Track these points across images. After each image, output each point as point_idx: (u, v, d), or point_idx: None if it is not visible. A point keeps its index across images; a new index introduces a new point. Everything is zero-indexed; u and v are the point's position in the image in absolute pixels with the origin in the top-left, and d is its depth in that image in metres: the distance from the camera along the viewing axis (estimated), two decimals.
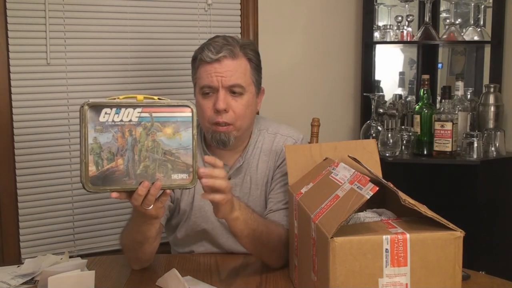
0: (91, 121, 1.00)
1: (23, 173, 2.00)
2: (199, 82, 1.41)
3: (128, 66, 2.14)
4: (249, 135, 1.51)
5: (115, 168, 1.01)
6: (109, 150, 1.00)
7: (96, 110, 1.00)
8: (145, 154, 1.02)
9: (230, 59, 1.38)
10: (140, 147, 1.02)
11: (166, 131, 1.04)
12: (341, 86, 2.57)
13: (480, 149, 2.21)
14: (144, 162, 1.03)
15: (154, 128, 1.03)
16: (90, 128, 0.99)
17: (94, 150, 1.00)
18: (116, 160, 1.01)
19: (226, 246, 1.48)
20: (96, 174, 1.00)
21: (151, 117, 1.02)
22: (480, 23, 2.53)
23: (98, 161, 1.00)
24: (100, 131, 1.00)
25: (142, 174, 1.03)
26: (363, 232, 0.93)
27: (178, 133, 1.04)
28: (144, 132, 1.02)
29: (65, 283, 1.14)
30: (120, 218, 2.15)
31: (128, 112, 1.01)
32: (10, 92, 1.97)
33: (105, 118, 1.00)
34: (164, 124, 1.04)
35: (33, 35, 1.99)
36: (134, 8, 2.13)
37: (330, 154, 1.27)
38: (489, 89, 2.36)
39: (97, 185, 1.00)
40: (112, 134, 1.00)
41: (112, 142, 1.00)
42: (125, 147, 1.01)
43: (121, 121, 1.01)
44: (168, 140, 1.04)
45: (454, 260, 0.94)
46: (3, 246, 1.99)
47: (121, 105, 1.01)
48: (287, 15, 2.43)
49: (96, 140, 1.00)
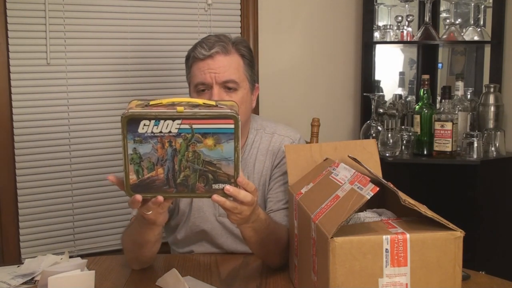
0: (130, 132, 0.99)
1: (23, 173, 2.00)
2: (193, 80, 1.41)
3: (128, 66, 2.14)
4: (246, 134, 1.51)
5: (155, 177, 1.01)
6: (149, 160, 1.00)
7: (134, 122, 0.99)
8: (185, 164, 1.02)
9: (222, 55, 1.38)
10: (180, 157, 1.01)
11: (207, 142, 1.02)
12: (341, 86, 2.57)
13: (480, 149, 2.21)
14: (184, 172, 1.02)
15: (194, 139, 1.01)
16: (129, 139, 0.99)
17: (134, 160, 1.00)
18: (156, 169, 1.01)
19: (225, 246, 1.48)
20: (137, 182, 1.01)
21: (192, 128, 1.01)
22: (480, 23, 2.53)
23: (138, 170, 1.00)
24: (139, 142, 0.99)
25: (183, 183, 1.02)
26: (363, 232, 0.93)
27: (220, 145, 1.02)
28: (184, 143, 1.01)
29: (65, 283, 1.14)
30: (120, 218, 2.15)
31: (167, 124, 1.00)
32: (10, 92, 1.97)
33: (144, 129, 0.99)
34: (204, 135, 1.01)
35: (33, 35, 1.99)
36: (134, 8, 2.13)
37: (330, 154, 1.27)
38: (489, 89, 2.36)
39: (138, 192, 1.01)
40: (151, 145, 1.00)
41: (152, 152, 1.00)
42: (165, 158, 1.01)
43: (160, 132, 1.00)
44: (209, 151, 1.02)
45: (454, 260, 0.94)
46: (3, 246, 1.99)
47: (159, 117, 0.99)
48: (287, 15, 2.43)
49: (135, 150, 1.00)
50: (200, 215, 1.47)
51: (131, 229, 1.30)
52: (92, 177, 2.10)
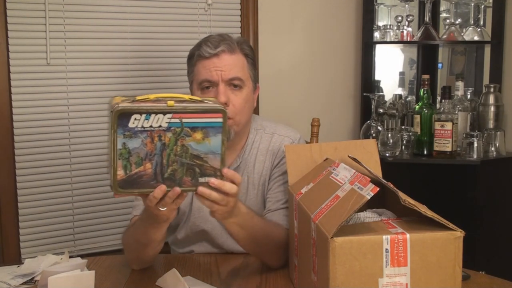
0: (120, 127, 0.98)
1: (23, 173, 2.00)
2: (197, 78, 1.41)
3: (128, 66, 2.14)
4: (246, 134, 1.51)
5: (143, 172, 1.00)
6: (137, 154, 0.99)
7: (125, 116, 0.98)
8: (173, 158, 1.01)
9: (228, 53, 1.39)
10: (168, 151, 1.01)
11: (196, 136, 1.02)
12: (341, 86, 2.57)
13: (480, 149, 2.21)
14: (172, 166, 1.02)
15: (183, 133, 1.01)
16: (119, 134, 0.98)
17: (123, 155, 0.99)
18: (145, 164, 1.00)
19: (225, 246, 1.48)
20: (124, 178, 1.00)
21: (181, 122, 1.01)
22: (480, 23, 2.53)
23: (126, 165, 0.99)
24: (129, 136, 0.98)
25: (170, 177, 1.02)
26: (363, 232, 0.93)
27: (208, 138, 1.03)
28: (173, 137, 1.01)
29: (65, 283, 1.14)
30: (120, 218, 2.15)
31: (158, 118, 0.99)
32: (10, 92, 1.97)
33: (135, 124, 0.98)
34: (194, 129, 1.02)
35: (33, 35, 1.99)
36: (134, 8, 2.13)
37: (330, 154, 1.27)
38: (489, 89, 2.36)
39: (125, 188, 1.01)
40: (141, 139, 0.99)
41: (141, 147, 0.99)
42: (154, 152, 1.00)
43: (150, 126, 0.99)
44: (197, 145, 1.02)
45: (454, 260, 0.94)
46: (3, 246, 1.99)
47: (151, 111, 0.99)
48: (287, 15, 2.43)
49: (125, 145, 0.98)
50: (201, 215, 1.47)
51: (134, 229, 1.30)
52: (92, 177, 2.10)
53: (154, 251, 1.30)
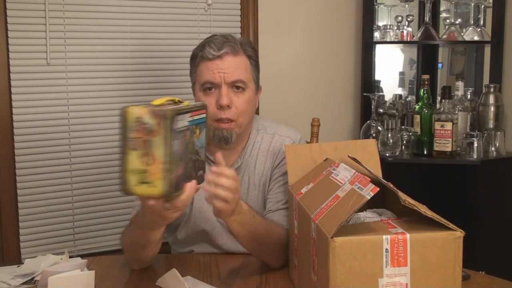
0: (172, 130, 0.96)
1: (23, 173, 2.00)
2: (200, 79, 1.41)
3: (128, 66, 2.14)
4: (247, 135, 1.51)
5: (179, 174, 1.01)
6: (176, 156, 0.98)
7: (174, 119, 0.96)
8: (189, 156, 1.04)
9: (231, 55, 1.39)
10: (189, 149, 1.04)
11: (197, 132, 1.06)
12: (341, 86, 2.57)
13: (480, 149, 2.21)
14: (189, 164, 1.04)
15: (193, 131, 1.04)
16: (174, 136, 0.96)
17: (172, 159, 0.97)
18: (180, 165, 1.01)
19: (226, 247, 1.48)
20: (173, 182, 0.99)
21: (193, 120, 1.04)
22: (480, 23, 2.53)
23: (172, 169, 0.98)
24: (174, 138, 0.97)
25: (187, 174, 1.04)
26: (363, 232, 0.93)
27: (201, 133, 1.07)
28: (190, 135, 1.03)
29: (65, 283, 1.14)
30: (120, 218, 2.15)
31: (184, 117, 1.00)
32: (10, 92, 1.97)
33: (177, 125, 0.98)
34: (197, 126, 1.05)
35: (33, 35, 1.99)
36: (134, 8, 2.13)
37: (330, 154, 1.27)
38: (489, 89, 2.36)
39: (174, 192, 1.00)
40: (179, 140, 0.99)
41: (177, 148, 0.98)
42: (183, 151, 1.01)
43: (183, 127, 1.00)
44: (197, 141, 1.06)
45: (454, 260, 0.94)
46: (3, 246, 1.99)
47: (187, 111, 1.01)
48: (287, 15, 2.43)
49: (172, 148, 0.96)
50: (201, 216, 1.47)
51: (132, 231, 1.30)
52: (92, 177, 2.10)
53: (152, 252, 1.30)
